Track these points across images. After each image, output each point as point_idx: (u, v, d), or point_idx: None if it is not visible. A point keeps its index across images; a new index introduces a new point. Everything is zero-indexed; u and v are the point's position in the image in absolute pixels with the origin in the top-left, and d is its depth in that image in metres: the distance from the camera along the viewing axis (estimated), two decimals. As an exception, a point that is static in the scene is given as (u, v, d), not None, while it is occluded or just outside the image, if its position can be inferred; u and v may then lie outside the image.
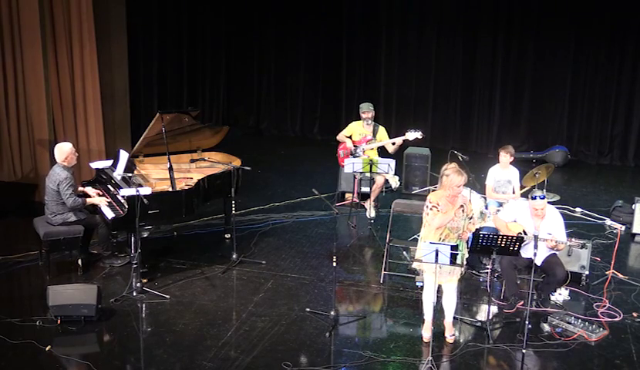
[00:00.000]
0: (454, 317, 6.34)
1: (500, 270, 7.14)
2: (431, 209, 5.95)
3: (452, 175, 5.88)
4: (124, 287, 6.96)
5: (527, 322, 5.85)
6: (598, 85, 12.33)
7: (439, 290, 6.17)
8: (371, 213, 9.05)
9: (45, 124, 9.07)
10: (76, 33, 9.35)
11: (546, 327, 6.57)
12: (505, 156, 8.09)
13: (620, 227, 8.44)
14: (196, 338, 6.22)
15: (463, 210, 5.97)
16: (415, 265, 6.38)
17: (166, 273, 7.47)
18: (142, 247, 6.85)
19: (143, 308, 6.74)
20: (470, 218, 6.07)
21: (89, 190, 7.52)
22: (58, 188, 7.08)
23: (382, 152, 9.26)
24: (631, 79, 12.10)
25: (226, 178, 7.84)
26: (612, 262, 7.74)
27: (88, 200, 7.34)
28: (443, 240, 5.91)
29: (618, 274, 7.69)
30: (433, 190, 6.82)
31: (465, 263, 6.20)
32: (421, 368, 5.78)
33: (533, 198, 6.60)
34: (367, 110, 9.13)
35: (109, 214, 7.16)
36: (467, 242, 6.22)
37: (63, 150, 7.27)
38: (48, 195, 7.19)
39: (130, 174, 7.31)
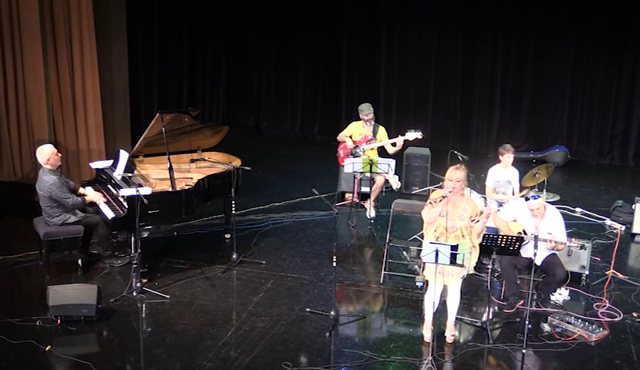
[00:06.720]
0: (455, 317, 6.34)
1: (500, 270, 7.15)
2: (428, 204, 6.00)
3: (449, 169, 5.98)
4: (124, 287, 6.96)
5: (527, 322, 5.84)
6: (598, 85, 12.32)
7: (444, 290, 6.17)
8: (371, 213, 9.04)
9: (45, 124, 9.07)
10: (76, 33, 9.35)
11: (546, 327, 6.57)
12: (509, 158, 8.09)
13: (620, 227, 8.43)
14: (196, 338, 6.22)
15: (465, 212, 5.97)
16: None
17: (166, 273, 7.47)
18: (142, 247, 6.85)
19: (143, 308, 6.74)
20: (476, 221, 6.05)
21: (88, 189, 7.53)
22: (51, 195, 7.05)
23: (382, 152, 9.26)
24: (631, 79, 12.10)
25: (226, 178, 7.84)
26: (612, 262, 7.74)
27: (86, 197, 7.36)
28: (438, 238, 5.92)
29: (618, 274, 7.69)
30: (434, 190, 6.82)
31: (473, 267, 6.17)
32: (421, 368, 5.78)
33: (527, 199, 6.63)
34: (368, 112, 9.09)
35: (109, 214, 7.17)
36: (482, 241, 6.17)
37: (44, 152, 7.13)
38: (41, 200, 7.16)
39: (130, 174, 7.31)
